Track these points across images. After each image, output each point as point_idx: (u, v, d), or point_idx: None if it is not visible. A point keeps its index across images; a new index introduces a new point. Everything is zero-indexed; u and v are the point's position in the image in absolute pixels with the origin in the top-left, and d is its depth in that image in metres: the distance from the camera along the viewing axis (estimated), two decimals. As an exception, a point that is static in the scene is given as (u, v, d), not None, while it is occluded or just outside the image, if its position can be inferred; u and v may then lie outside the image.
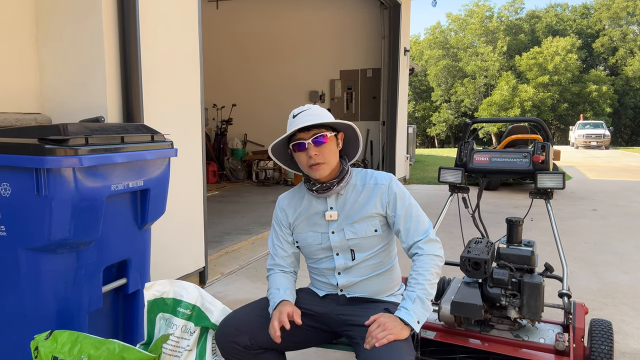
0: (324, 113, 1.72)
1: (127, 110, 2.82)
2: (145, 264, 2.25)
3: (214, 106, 10.37)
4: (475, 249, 2.14)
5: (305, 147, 1.67)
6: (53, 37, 2.81)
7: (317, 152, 1.67)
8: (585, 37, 38.78)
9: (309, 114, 1.69)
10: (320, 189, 1.73)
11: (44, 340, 1.65)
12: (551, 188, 2.38)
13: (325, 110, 1.73)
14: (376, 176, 1.77)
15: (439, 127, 40.07)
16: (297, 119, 1.68)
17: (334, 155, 1.72)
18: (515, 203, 7.53)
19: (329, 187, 1.73)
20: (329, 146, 1.70)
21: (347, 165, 1.78)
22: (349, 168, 1.78)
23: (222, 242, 4.87)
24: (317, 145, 1.67)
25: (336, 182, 1.73)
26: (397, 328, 1.55)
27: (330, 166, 1.71)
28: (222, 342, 1.70)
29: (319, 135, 1.67)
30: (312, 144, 1.67)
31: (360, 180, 1.78)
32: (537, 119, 2.62)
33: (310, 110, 1.70)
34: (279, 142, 1.75)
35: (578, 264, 4.17)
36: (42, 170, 1.70)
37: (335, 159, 1.73)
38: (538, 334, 2.15)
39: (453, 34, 41.75)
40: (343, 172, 1.75)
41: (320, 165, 1.68)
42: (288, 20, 10.32)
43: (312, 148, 1.67)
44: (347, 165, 1.78)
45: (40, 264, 1.79)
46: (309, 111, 1.69)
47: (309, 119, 1.66)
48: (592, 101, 34.74)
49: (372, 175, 1.78)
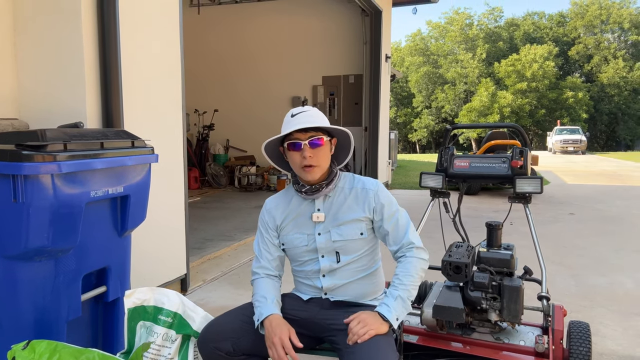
0: (322, 117, 1.75)
1: (107, 116, 2.79)
2: (125, 272, 2.22)
3: (195, 111, 10.30)
4: (456, 253, 2.16)
5: (301, 147, 1.69)
6: (31, 42, 2.76)
7: (312, 155, 1.69)
8: (562, 44, 39.68)
9: (308, 115, 1.71)
10: (309, 190, 1.76)
11: (21, 351, 1.61)
12: (529, 192, 2.42)
13: (323, 115, 1.77)
14: (364, 181, 1.80)
15: (420, 133, 40.50)
16: (295, 119, 1.70)
17: (327, 159, 1.75)
18: (495, 207, 7.64)
19: (318, 189, 1.75)
20: (324, 150, 1.72)
21: (336, 168, 1.80)
22: (337, 171, 1.80)
23: (204, 249, 4.83)
24: (312, 148, 1.69)
25: (325, 185, 1.75)
26: (377, 323, 1.58)
27: (322, 170, 1.73)
28: (205, 349, 1.69)
29: (316, 137, 1.69)
30: (308, 146, 1.68)
31: (348, 184, 1.81)
32: (516, 125, 2.68)
33: (310, 112, 1.73)
34: (273, 139, 1.77)
35: (557, 267, 4.24)
36: (20, 177, 1.67)
37: (327, 162, 1.76)
38: (518, 336, 2.18)
39: (433, 41, 42.32)
40: (332, 174, 1.77)
41: (313, 168, 1.70)
42: (271, 26, 10.33)
43: (307, 149, 1.68)
44: (337, 168, 1.81)
45: (17, 272, 1.75)
46: (308, 112, 1.72)
47: (308, 120, 1.68)
48: (569, 107, 35.51)
49: (360, 179, 1.81)
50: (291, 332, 1.63)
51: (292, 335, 1.62)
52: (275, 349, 1.58)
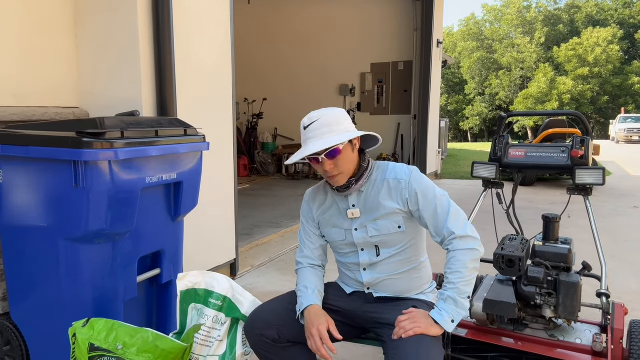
0: (334, 123, 1.63)
1: (161, 105, 2.87)
2: (178, 255, 2.30)
3: (245, 100, 10.47)
4: (509, 246, 2.08)
5: (320, 161, 1.64)
6: (91, 35, 2.89)
7: (332, 165, 1.63)
8: (628, 27, 37.15)
9: (318, 126, 1.61)
10: (340, 188, 1.71)
11: (81, 328, 1.71)
12: (590, 184, 2.30)
13: (336, 117, 1.64)
14: (397, 170, 1.70)
15: (472, 121, 39.26)
16: (307, 132, 1.64)
17: (351, 163, 1.67)
18: (551, 199, 7.32)
19: (348, 187, 1.69)
20: (344, 156, 1.64)
21: (365, 161, 1.72)
22: (368, 163, 1.72)
23: (252, 235, 4.92)
24: (330, 159, 1.62)
25: (354, 181, 1.68)
26: (427, 323, 1.54)
27: (346, 175, 1.67)
28: (251, 335, 1.72)
29: (331, 149, 1.61)
30: (326, 159, 1.62)
31: (380, 176, 1.72)
32: (576, 113, 2.53)
33: (320, 121, 1.62)
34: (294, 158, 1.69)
35: (617, 263, 4.02)
36: (80, 163, 1.75)
37: (353, 164, 1.68)
38: (574, 334, 2.09)
39: (488, 25, 40.72)
40: (362, 169, 1.70)
41: (336, 177, 1.66)
42: (319, 14, 10.29)
43: (326, 163, 1.63)
44: (367, 160, 1.73)
45: (79, 254, 1.85)
46: (317, 122, 1.62)
47: (318, 135, 1.61)
48: (635, 94, 33.33)
49: (393, 169, 1.71)
50: (330, 323, 1.62)
51: (330, 327, 1.61)
52: (314, 340, 1.58)
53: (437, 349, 1.53)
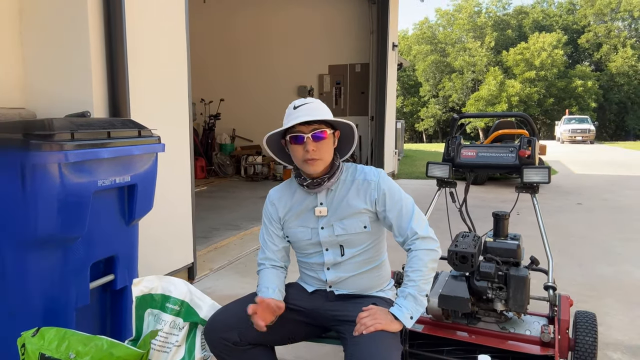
0: (326, 109, 1.70)
1: (114, 105, 2.79)
2: (133, 260, 2.24)
3: (201, 101, 10.30)
4: (462, 243, 2.16)
5: (304, 140, 1.65)
6: (37, 31, 2.77)
7: (315, 148, 1.65)
8: (571, 32, 39.13)
9: (312, 107, 1.67)
10: (311, 184, 1.72)
11: (30, 338, 1.63)
12: (537, 182, 2.41)
13: (326, 106, 1.72)
14: (366, 171, 1.75)
15: (427, 122, 40.24)
16: (298, 111, 1.66)
17: (330, 153, 1.71)
18: (502, 197, 7.60)
19: (320, 183, 1.71)
20: (327, 143, 1.68)
21: (338, 161, 1.76)
22: (339, 164, 1.76)
23: (210, 238, 4.85)
24: (315, 141, 1.65)
25: (327, 178, 1.71)
26: (387, 319, 1.57)
27: (324, 163, 1.70)
28: (211, 338, 1.70)
29: (319, 130, 1.65)
30: (311, 139, 1.65)
31: (350, 176, 1.76)
32: (523, 114, 2.65)
33: (313, 104, 1.68)
34: (275, 132, 1.74)
35: (563, 257, 4.23)
36: (28, 166, 1.68)
37: (330, 156, 1.72)
38: (524, 326, 2.18)
39: (441, 29, 41.86)
40: (334, 167, 1.73)
41: (316, 161, 1.67)
42: (277, 15, 10.27)
43: (310, 143, 1.65)
44: (339, 161, 1.77)
45: (26, 260, 1.77)
46: (311, 104, 1.68)
47: (311, 113, 1.64)
48: (578, 96, 35.12)
49: (362, 170, 1.76)
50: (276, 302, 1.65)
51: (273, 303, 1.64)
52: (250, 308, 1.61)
53: (396, 344, 1.57)
